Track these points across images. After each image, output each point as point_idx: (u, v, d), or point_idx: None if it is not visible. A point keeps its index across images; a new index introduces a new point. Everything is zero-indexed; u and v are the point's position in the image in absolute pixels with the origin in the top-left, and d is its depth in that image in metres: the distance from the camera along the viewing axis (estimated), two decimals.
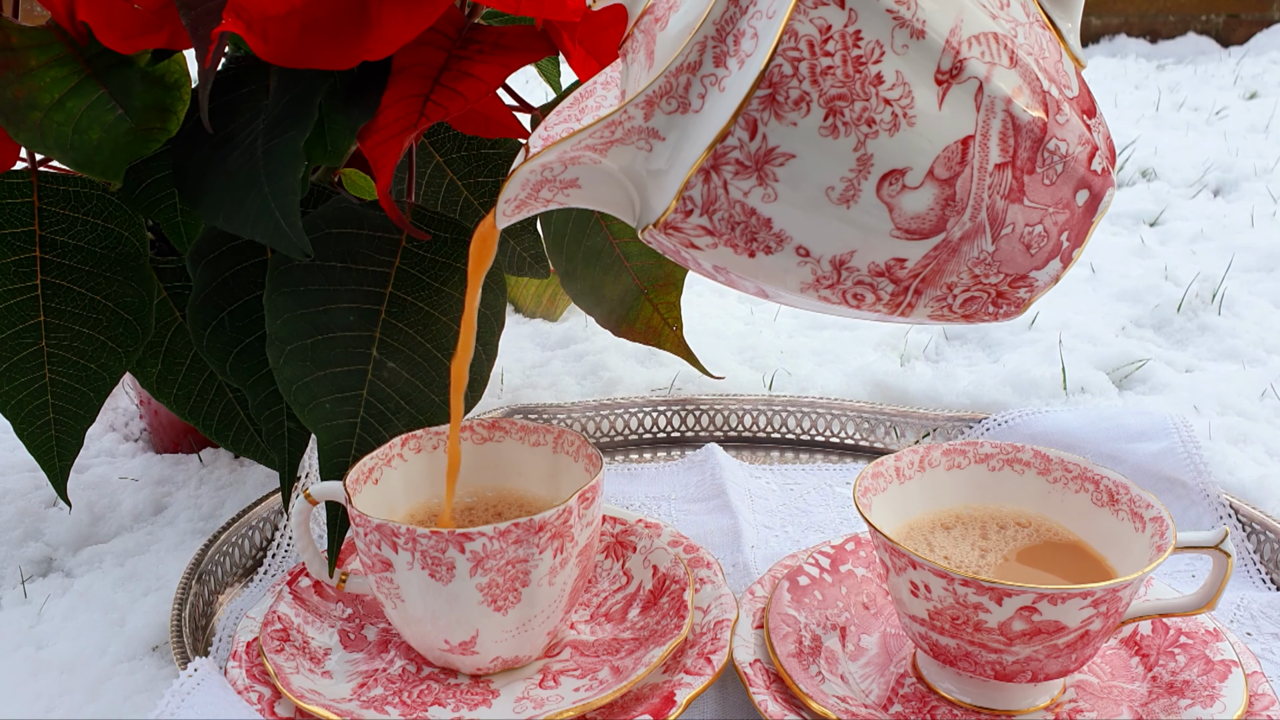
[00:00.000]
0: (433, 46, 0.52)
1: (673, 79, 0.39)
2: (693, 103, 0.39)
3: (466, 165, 0.69)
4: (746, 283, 0.43)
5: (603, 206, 0.42)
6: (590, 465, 0.53)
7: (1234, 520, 0.63)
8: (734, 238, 0.40)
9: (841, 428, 0.76)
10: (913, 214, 0.39)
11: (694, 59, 0.39)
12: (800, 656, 0.50)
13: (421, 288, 0.57)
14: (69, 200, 0.59)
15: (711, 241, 0.41)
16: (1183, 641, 0.50)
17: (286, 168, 0.49)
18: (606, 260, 0.64)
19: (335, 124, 0.53)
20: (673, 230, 0.41)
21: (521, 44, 0.52)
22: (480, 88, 0.50)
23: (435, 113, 0.50)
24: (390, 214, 0.51)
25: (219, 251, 0.58)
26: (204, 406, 0.65)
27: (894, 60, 0.38)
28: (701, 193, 0.39)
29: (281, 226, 0.49)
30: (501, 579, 0.47)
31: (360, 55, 0.49)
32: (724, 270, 0.42)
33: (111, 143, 0.51)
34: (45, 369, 0.60)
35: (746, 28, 0.38)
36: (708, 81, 0.39)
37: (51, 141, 0.51)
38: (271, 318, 0.54)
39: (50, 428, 0.61)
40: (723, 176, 0.39)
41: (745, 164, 0.39)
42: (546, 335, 0.97)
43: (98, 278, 0.60)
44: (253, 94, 0.53)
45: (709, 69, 0.39)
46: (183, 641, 0.52)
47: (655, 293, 0.66)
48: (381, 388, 0.55)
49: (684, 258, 0.43)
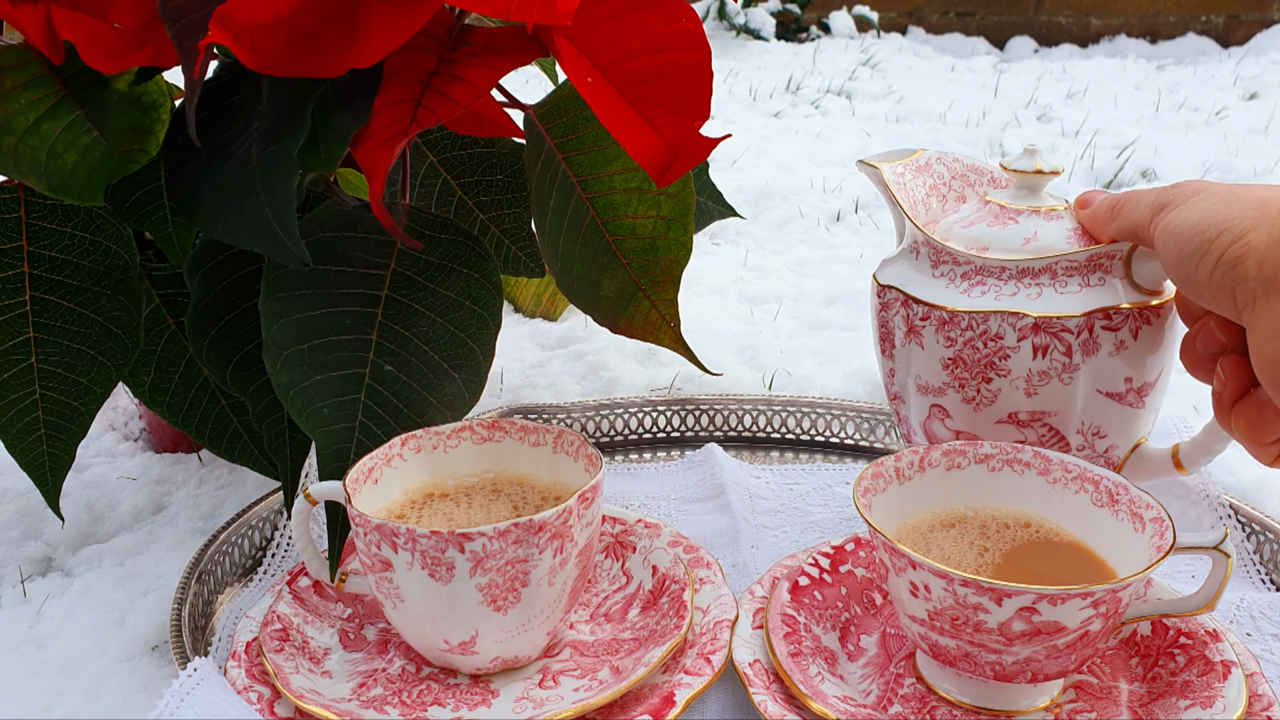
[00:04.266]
0: (423, 50, 0.52)
1: None
2: None
3: (460, 165, 0.69)
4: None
5: None
6: (590, 465, 0.53)
7: (1234, 521, 0.63)
8: None
9: (841, 428, 0.76)
10: None
11: None
12: (800, 656, 0.50)
13: (417, 290, 0.57)
14: (56, 214, 0.59)
15: None
16: (1182, 642, 0.50)
17: (282, 176, 0.49)
18: (603, 257, 0.64)
19: (329, 130, 0.52)
20: None
21: (512, 45, 0.52)
22: (471, 92, 0.50)
23: (427, 118, 0.50)
24: (383, 222, 0.51)
25: (216, 260, 0.58)
26: (197, 414, 0.65)
27: None
28: None
29: (279, 236, 0.48)
30: (501, 579, 0.47)
31: (349, 63, 0.48)
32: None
33: (87, 166, 0.51)
34: (36, 385, 0.60)
35: None
36: None
37: (26, 167, 0.50)
38: (267, 322, 0.54)
39: (42, 443, 0.61)
40: None
41: None
42: (546, 335, 0.97)
43: (86, 292, 0.59)
44: (244, 101, 0.53)
45: None
46: (182, 641, 0.52)
47: (652, 289, 0.66)
48: (379, 391, 0.55)
49: None
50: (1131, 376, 0.56)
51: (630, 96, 0.50)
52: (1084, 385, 0.55)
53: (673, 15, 0.50)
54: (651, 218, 0.63)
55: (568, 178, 0.62)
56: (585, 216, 0.63)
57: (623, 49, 0.50)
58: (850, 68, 2.60)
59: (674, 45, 0.50)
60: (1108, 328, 0.54)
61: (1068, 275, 0.55)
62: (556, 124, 0.61)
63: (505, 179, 0.70)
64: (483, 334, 0.57)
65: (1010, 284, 0.55)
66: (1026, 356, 0.55)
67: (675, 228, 0.64)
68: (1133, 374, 0.56)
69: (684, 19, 0.50)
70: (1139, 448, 0.59)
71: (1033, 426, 0.56)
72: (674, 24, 0.50)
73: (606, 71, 0.51)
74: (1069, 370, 0.55)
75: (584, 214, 0.63)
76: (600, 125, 0.60)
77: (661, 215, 0.63)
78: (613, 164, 0.62)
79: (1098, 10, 3.40)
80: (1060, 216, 0.57)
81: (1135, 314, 0.55)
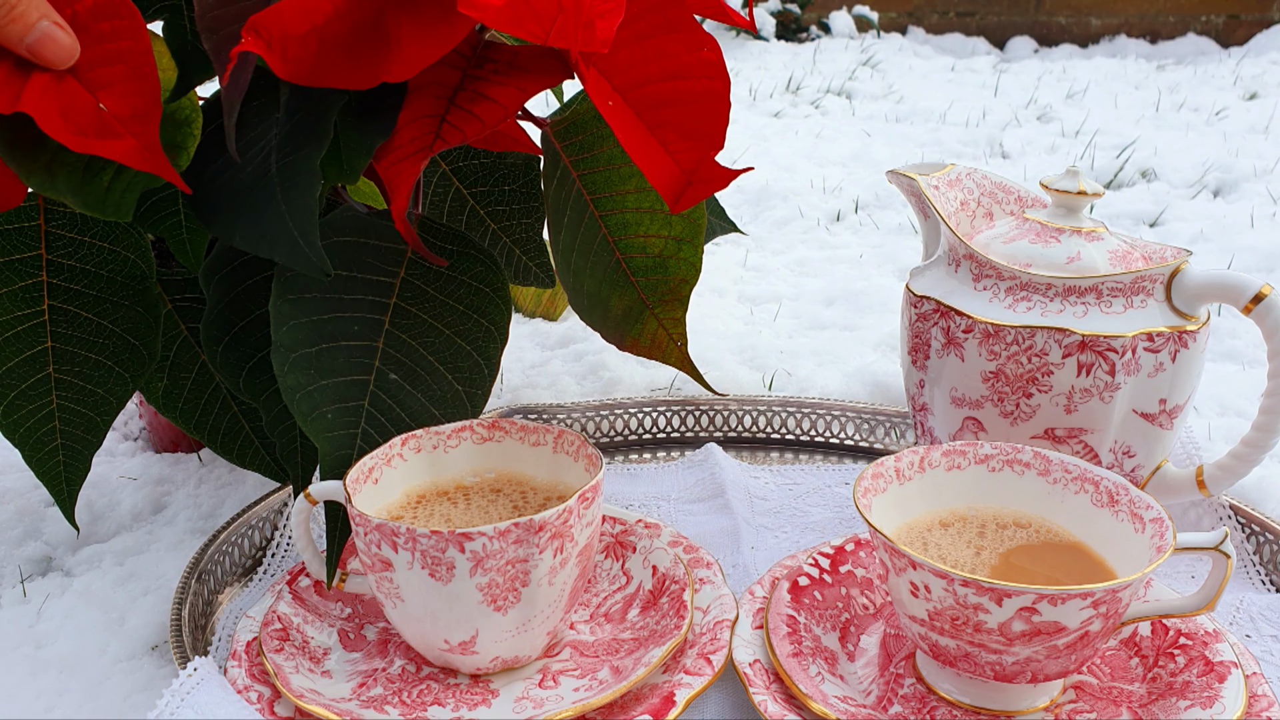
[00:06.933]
0: (447, 65, 0.52)
1: None
2: None
3: (473, 174, 0.69)
4: None
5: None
6: (590, 465, 0.53)
7: (1234, 521, 0.63)
8: None
9: (841, 428, 0.76)
10: None
11: None
12: (800, 656, 0.50)
13: (426, 299, 0.57)
14: (75, 223, 0.59)
15: None
16: (1182, 643, 0.50)
17: (303, 186, 0.48)
18: (613, 275, 0.64)
19: (351, 142, 0.52)
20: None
21: (537, 65, 0.51)
22: (498, 112, 0.50)
23: (452, 135, 0.50)
24: (406, 237, 0.51)
25: (231, 267, 0.58)
26: (209, 420, 0.65)
27: None
28: None
29: (300, 246, 0.48)
30: (501, 579, 0.47)
31: (380, 76, 0.48)
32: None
33: (122, 184, 0.50)
34: (53, 395, 0.60)
35: None
36: None
37: (63, 185, 0.49)
38: (277, 325, 0.54)
39: (58, 453, 0.61)
40: None
41: None
42: (546, 335, 0.97)
43: (104, 302, 0.59)
44: (262, 108, 0.53)
45: None
46: (182, 641, 0.52)
47: (661, 308, 0.66)
48: (383, 398, 0.55)
49: None
50: (1165, 398, 0.57)
51: (648, 121, 0.51)
52: (1122, 404, 0.56)
53: (694, 43, 0.50)
54: (662, 237, 0.64)
55: (581, 195, 0.62)
56: (597, 234, 0.63)
57: (643, 73, 0.51)
58: (850, 68, 2.60)
59: (694, 73, 0.50)
60: (1149, 349, 0.55)
61: (1112, 295, 0.56)
62: (572, 141, 0.61)
63: (517, 189, 0.70)
64: (489, 347, 0.57)
65: (1056, 301, 0.56)
66: (1070, 373, 0.56)
67: (686, 248, 0.64)
68: (1166, 395, 0.57)
69: (705, 48, 0.50)
70: (1160, 469, 0.60)
71: (1068, 443, 0.57)
72: (695, 52, 0.50)
73: (626, 95, 0.51)
74: (1110, 389, 0.55)
75: (596, 231, 0.63)
76: (615, 144, 0.61)
77: (672, 235, 0.64)
78: (626, 183, 0.62)
79: (1098, 10, 3.40)
80: (1101, 238, 0.59)
81: (1174, 337, 0.56)
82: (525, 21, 0.46)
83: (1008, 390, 0.57)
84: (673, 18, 0.51)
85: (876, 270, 1.16)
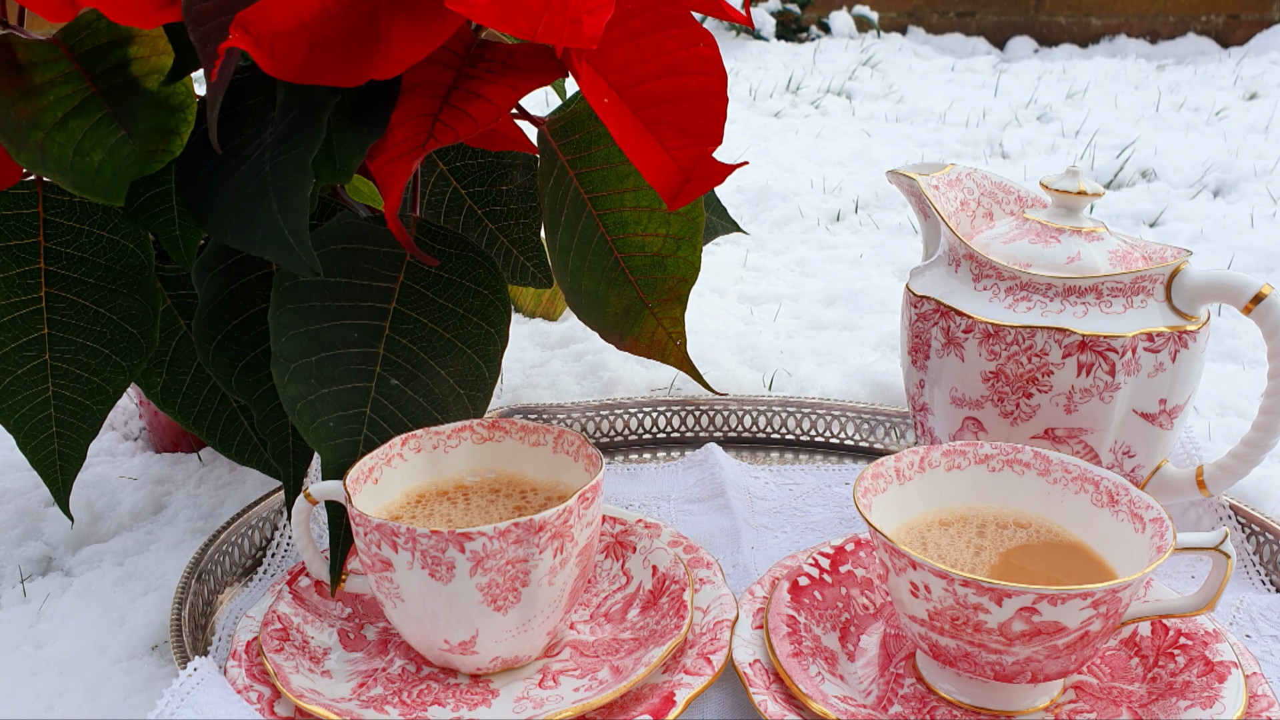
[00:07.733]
0: (440, 64, 0.52)
1: None
2: None
3: (470, 174, 0.69)
4: None
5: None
6: (590, 465, 0.53)
7: (1234, 521, 0.63)
8: None
9: (841, 428, 0.76)
10: None
11: None
12: (800, 656, 0.50)
13: (426, 303, 0.56)
14: (74, 211, 0.59)
15: None
16: (1182, 643, 0.50)
17: (295, 185, 0.48)
18: (611, 274, 0.64)
19: (344, 141, 0.52)
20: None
21: (531, 64, 0.51)
22: (492, 111, 0.50)
23: (445, 134, 0.49)
24: (399, 237, 0.50)
25: (225, 264, 0.58)
26: (208, 417, 0.65)
27: None
28: None
29: (290, 245, 0.48)
30: (501, 579, 0.47)
31: (368, 74, 0.48)
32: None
33: (113, 165, 0.50)
34: (49, 382, 0.59)
35: None
36: None
37: (52, 164, 0.50)
38: (276, 335, 0.54)
39: (53, 441, 0.61)
40: None
41: None
42: (546, 335, 0.97)
43: (102, 290, 0.59)
44: (259, 106, 0.53)
45: None
46: (182, 641, 0.52)
47: (660, 307, 0.66)
48: (384, 405, 0.55)
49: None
50: (1165, 398, 0.57)
51: (645, 118, 0.51)
52: (1122, 405, 0.56)
53: (690, 39, 0.50)
54: (661, 236, 0.64)
55: (579, 194, 0.62)
56: (595, 233, 0.63)
57: (639, 70, 0.50)
58: (850, 68, 2.60)
59: (690, 69, 0.50)
60: (1150, 349, 0.56)
61: (1112, 295, 0.56)
62: (569, 140, 0.61)
63: (515, 189, 0.70)
64: (489, 350, 0.57)
65: (1056, 301, 0.56)
66: (1070, 373, 0.56)
67: (684, 247, 0.64)
68: (1166, 395, 0.57)
69: (701, 43, 0.50)
70: (1160, 469, 0.60)
71: (1068, 443, 0.57)
72: (691, 48, 0.50)
73: (623, 92, 0.50)
74: (1110, 389, 0.56)
75: (594, 230, 0.63)
76: (612, 143, 0.61)
77: (671, 234, 0.64)
78: (624, 181, 0.62)
79: (1098, 10, 3.40)
80: (1101, 238, 0.59)
81: (1174, 337, 0.56)
82: (513, 17, 0.46)
83: (1008, 390, 0.57)
84: (669, 14, 0.50)
85: (876, 270, 1.16)
